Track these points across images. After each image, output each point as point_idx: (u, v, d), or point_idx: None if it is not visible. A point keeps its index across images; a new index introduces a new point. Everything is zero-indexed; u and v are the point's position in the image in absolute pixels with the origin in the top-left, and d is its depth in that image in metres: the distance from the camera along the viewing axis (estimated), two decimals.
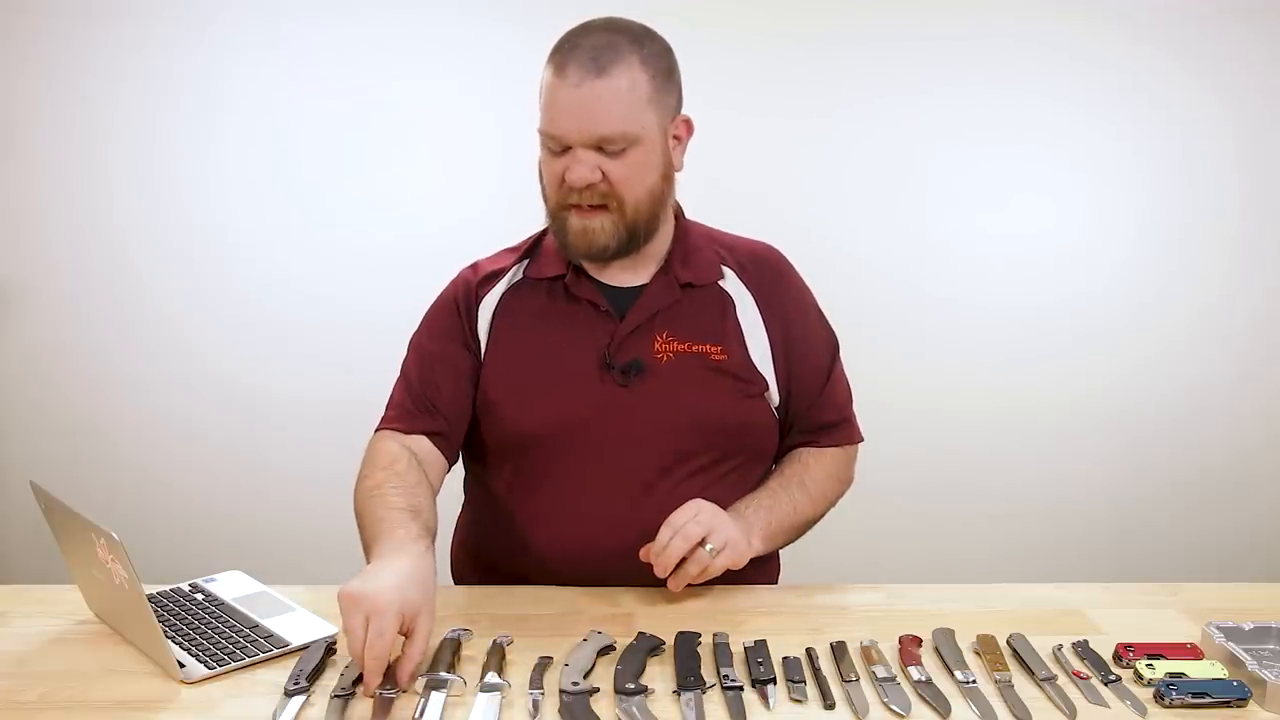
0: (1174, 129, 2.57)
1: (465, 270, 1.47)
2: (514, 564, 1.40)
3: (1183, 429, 2.69)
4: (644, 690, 1.05)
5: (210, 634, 1.19)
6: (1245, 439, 2.69)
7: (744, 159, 2.49)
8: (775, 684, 1.07)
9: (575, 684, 1.06)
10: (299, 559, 2.26)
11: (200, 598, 1.30)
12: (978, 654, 1.15)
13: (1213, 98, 2.56)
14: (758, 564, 1.36)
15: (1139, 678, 1.09)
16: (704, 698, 1.05)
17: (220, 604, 1.28)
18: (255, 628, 1.20)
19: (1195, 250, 2.62)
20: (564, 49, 1.28)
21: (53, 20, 2.52)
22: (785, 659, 1.12)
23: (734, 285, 1.42)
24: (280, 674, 1.10)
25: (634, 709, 1.02)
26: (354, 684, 1.06)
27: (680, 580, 1.26)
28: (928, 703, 1.04)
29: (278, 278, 2.61)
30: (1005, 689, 1.07)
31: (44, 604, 1.29)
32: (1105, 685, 1.08)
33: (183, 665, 1.11)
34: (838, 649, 1.15)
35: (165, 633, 1.14)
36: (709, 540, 1.24)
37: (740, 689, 1.06)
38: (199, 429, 2.67)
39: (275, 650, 1.15)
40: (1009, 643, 1.17)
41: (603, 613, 1.27)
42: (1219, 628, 1.15)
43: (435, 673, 1.07)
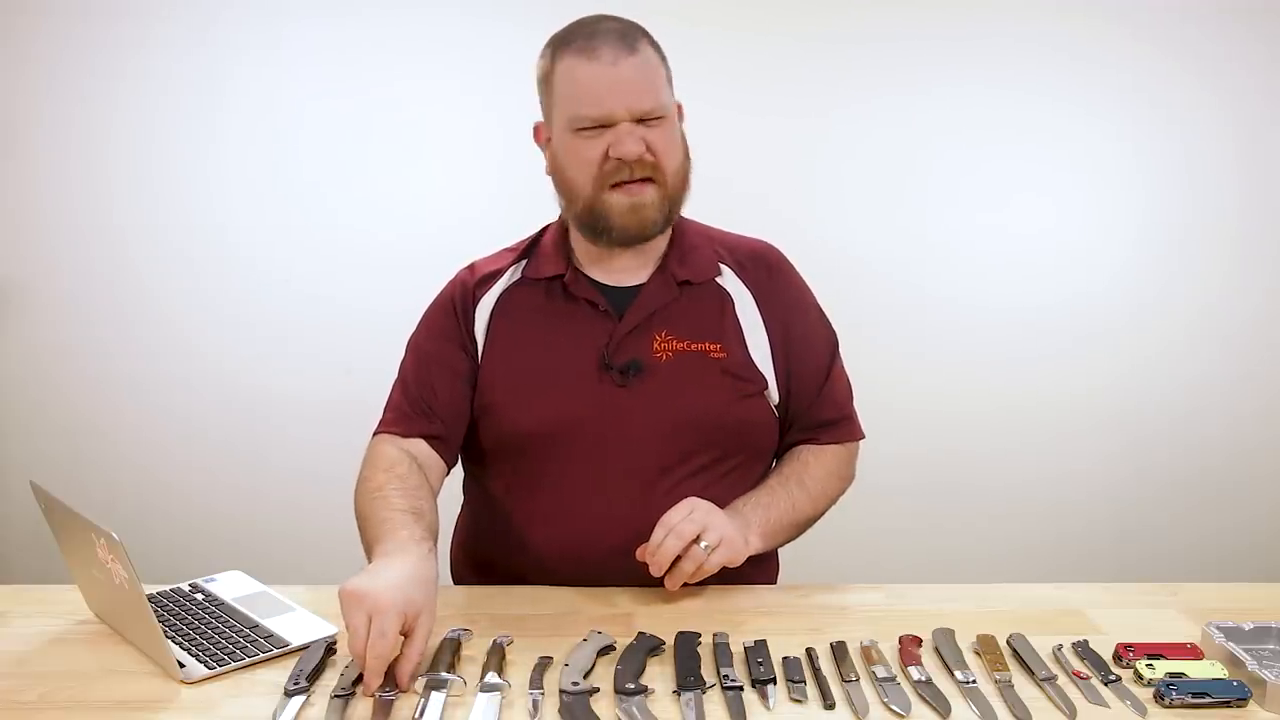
0: (1174, 129, 2.57)
1: (462, 271, 1.47)
2: (513, 564, 1.40)
3: (1183, 429, 2.69)
4: (644, 690, 1.05)
5: (210, 634, 1.19)
6: (1245, 439, 2.69)
7: (743, 159, 2.49)
8: (775, 684, 1.07)
9: (575, 684, 1.06)
10: (299, 559, 2.25)
11: (200, 598, 1.30)
12: (978, 654, 1.15)
13: (1213, 98, 2.56)
14: (756, 563, 1.36)
15: (1139, 678, 1.09)
16: (704, 698, 1.05)
17: (220, 604, 1.28)
18: (255, 628, 1.20)
19: (1195, 250, 2.62)
20: (580, 37, 1.29)
21: (52, 20, 2.52)
22: (785, 659, 1.12)
23: (732, 283, 1.42)
24: (280, 674, 1.10)
25: (634, 709, 1.02)
26: (354, 684, 1.06)
27: (676, 579, 1.25)
28: (928, 703, 1.04)
29: (278, 278, 2.61)
30: (1005, 689, 1.07)
31: (44, 604, 1.29)
32: (1105, 685, 1.08)
33: (183, 665, 1.11)
34: (838, 649, 1.15)
35: (165, 633, 1.14)
36: (704, 537, 1.24)
37: (740, 689, 1.06)
38: (199, 429, 2.67)
39: (275, 650, 1.15)
40: (1009, 643, 1.17)
41: (602, 613, 1.27)
42: (1219, 628, 1.15)
43: (435, 673, 1.07)
